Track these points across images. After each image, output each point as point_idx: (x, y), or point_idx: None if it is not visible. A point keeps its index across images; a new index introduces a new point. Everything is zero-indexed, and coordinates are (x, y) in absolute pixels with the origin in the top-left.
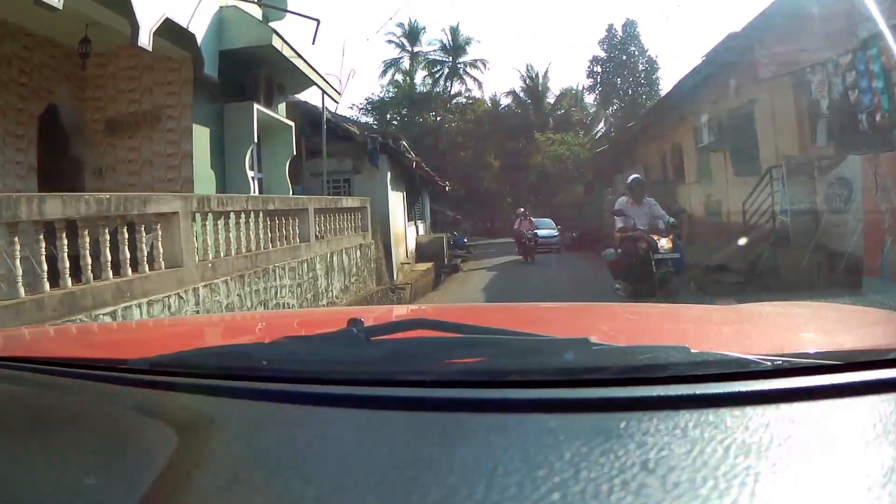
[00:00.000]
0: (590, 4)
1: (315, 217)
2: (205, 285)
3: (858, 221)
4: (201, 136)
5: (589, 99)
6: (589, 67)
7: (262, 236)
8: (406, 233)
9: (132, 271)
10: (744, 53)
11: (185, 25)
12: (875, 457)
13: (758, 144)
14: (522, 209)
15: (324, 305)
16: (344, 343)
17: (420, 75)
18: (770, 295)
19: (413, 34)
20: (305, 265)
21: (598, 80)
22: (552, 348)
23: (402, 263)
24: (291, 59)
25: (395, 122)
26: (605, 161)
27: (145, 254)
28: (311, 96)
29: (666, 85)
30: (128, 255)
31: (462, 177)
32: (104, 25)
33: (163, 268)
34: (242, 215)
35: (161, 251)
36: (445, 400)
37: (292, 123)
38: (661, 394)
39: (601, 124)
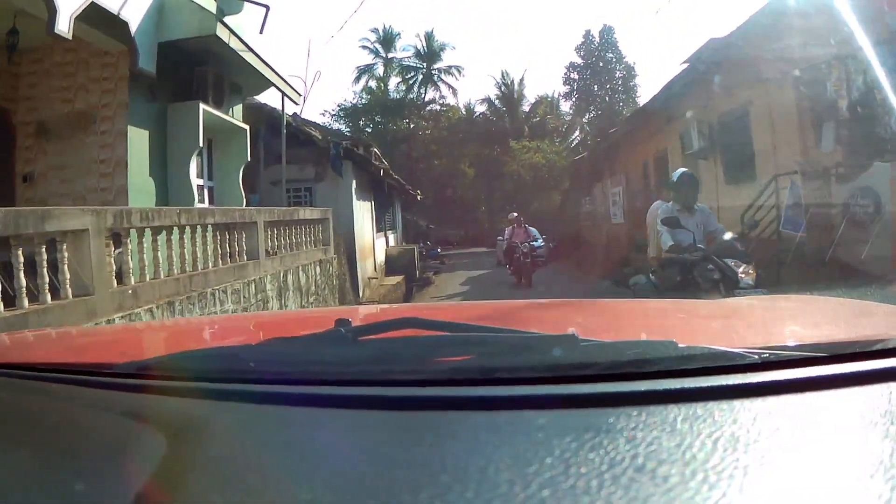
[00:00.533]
0: (567, 10)
1: (266, 231)
2: (122, 316)
3: (888, 236)
4: (138, 140)
5: (565, 106)
6: (565, 74)
7: (199, 255)
8: (374, 245)
9: (29, 302)
10: (739, 53)
11: (115, 12)
12: (862, 448)
13: (753, 150)
14: (516, 213)
15: None
16: (332, 343)
17: (394, 81)
18: None
19: (387, 40)
20: (253, 286)
21: (575, 86)
22: (540, 345)
23: (369, 278)
24: (241, 53)
25: (368, 130)
26: (583, 169)
27: (46, 281)
28: (272, 99)
29: (644, 92)
30: (23, 284)
31: (436, 185)
32: (36, 17)
33: (70, 297)
34: (176, 231)
35: (67, 276)
36: (435, 399)
37: (246, 127)
38: (650, 388)
39: (577, 132)
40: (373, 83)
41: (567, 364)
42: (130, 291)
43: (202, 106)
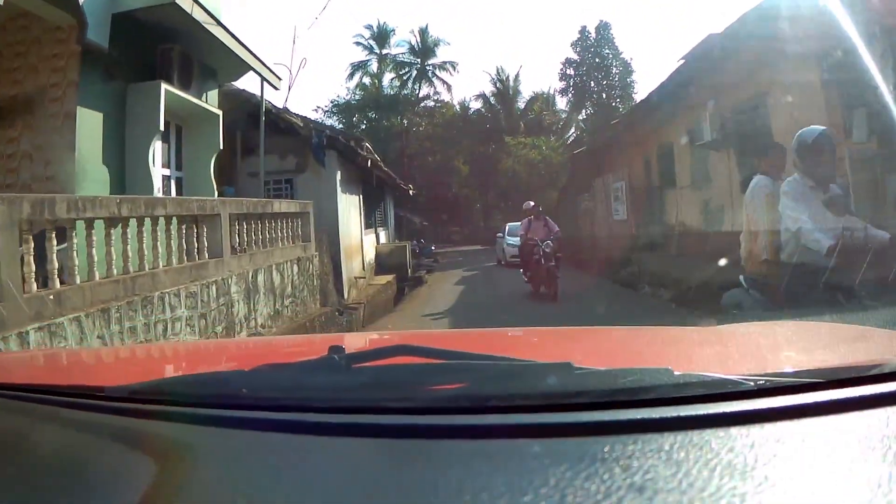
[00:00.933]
0: (562, 5)
1: (233, 225)
2: (39, 327)
3: None
4: (91, 123)
5: (561, 103)
6: (561, 70)
7: (147, 252)
8: (363, 242)
9: None
10: (757, 35)
11: None
12: (859, 473)
13: (772, 139)
14: (532, 203)
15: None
16: (325, 370)
17: (388, 77)
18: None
19: (382, 36)
20: (214, 288)
21: (571, 83)
22: (534, 373)
23: (355, 278)
24: (208, 27)
25: (362, 126)
26: (581, 163)
27: None
28: (253, 85)
29: (642, 89)
30: None
31: (430, 182)
32: None
33: None
34: (118, 225)
35: None
36: (428, 427)
37: (219, 112)
38: (646, 416)
39: (573, 129)
40: (367, 80)
41: (562, 392)
42: (52, 297)
43: (164, 86)
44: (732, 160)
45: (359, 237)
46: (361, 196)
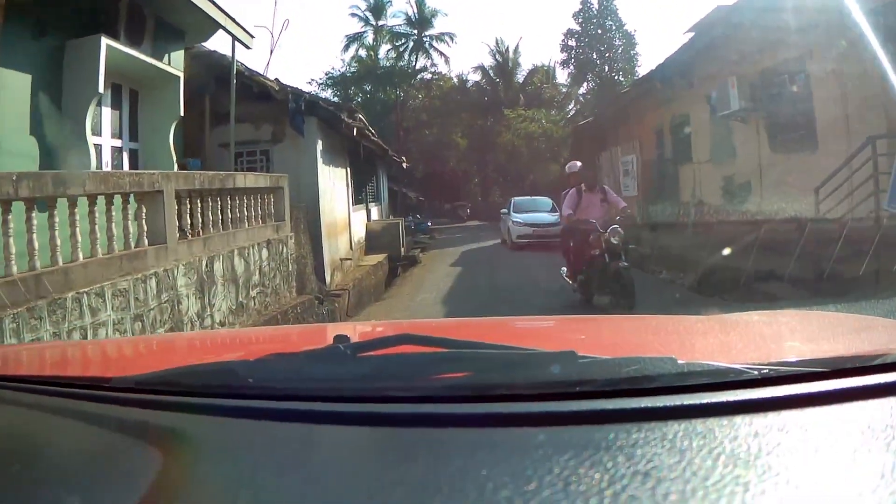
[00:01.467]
0: None
1: (182, 204)
2: None
3: None
4: (16, 87)
5: (562, 77)
6: (563, 41)
7: (59, 242)
8: (351, 219)
9: None
10: None
11: None
12: (863, 463)
13: (812, 110)
14: (580, 164)
15: None
16: (330, 360)
17: (384, 49)
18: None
19: (378, 8)
20: (154, 282)
21: (572, 54)
22: (539, 362)
23: (341, 259)
24: None
25: (357, 99)
26: (586, 136)
27: None
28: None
29: (646, 62)
30: None
31: (427, 156)
32: None
33: None
34: (15, 206)
35: None
36: (433, 416)
37: (180, 74)
38: (649, 405)
39: (573, 104)
40: (362, 52)
41: (566, 381)
42: None
43: (106, 41)
44: (762, 132)
45: (345, 214)
46: (349, 169)
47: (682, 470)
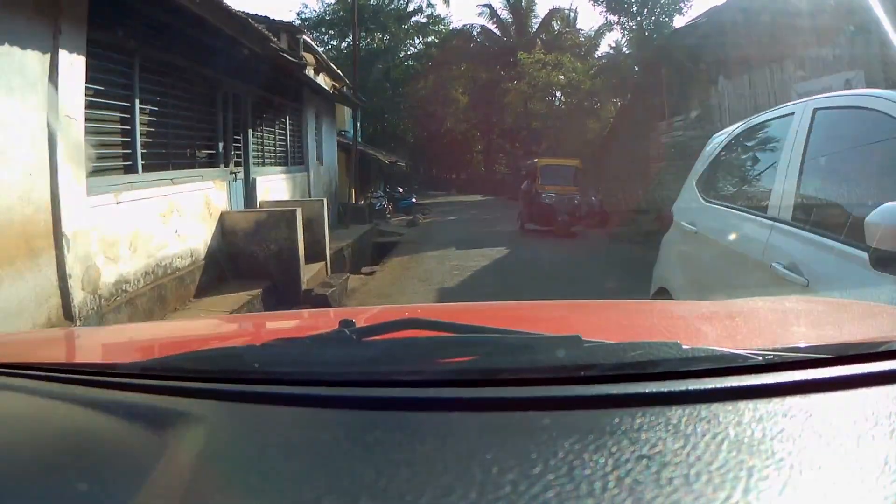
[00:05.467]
0: None
1: None
2: None
3: None
4: None
5: (583, 23)
6: None
7: None
8: (129, 210)
9: None
10: None
11: None
12: (868, 449)
13: None
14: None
15: None
16: (336, 344)
17: None
18: None
19: None
20: None
21: None
22: (544, 346)
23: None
24: None
25: (336, 43)
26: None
27: None
28: None
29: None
30: None
31: (419, 114)
32: None
33: None
34: None
35: None
36: (438, 399)
37: None
38: (654, 390)
39: (602, 49)
40: None
41: (571, 365)
42: None
43: None
44: None
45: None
46: (167, 99)
47: (686, 455)
